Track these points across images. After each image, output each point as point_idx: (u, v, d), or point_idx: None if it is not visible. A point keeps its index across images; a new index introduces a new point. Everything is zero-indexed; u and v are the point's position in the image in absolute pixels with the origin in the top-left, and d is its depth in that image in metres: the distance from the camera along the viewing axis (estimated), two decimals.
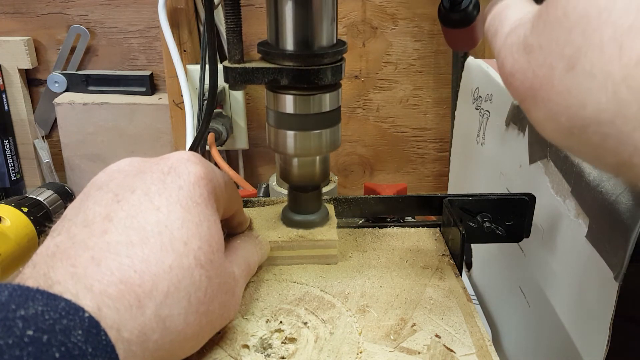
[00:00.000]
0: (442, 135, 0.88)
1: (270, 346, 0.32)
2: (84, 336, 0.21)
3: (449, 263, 0.40)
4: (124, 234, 0.26)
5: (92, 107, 0.84)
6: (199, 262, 0.27)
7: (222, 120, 0.79)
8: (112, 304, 0.24)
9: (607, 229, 0.37)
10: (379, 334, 0.33)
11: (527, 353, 0.53)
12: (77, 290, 0.23)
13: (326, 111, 0.37)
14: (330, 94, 0.37)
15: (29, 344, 0.20)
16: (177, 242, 0.27)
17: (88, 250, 0.25)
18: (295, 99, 0.36)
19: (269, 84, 0.37)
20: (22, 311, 0.21)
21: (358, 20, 0.81)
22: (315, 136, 0.37)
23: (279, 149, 0.38)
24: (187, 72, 0.77)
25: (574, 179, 0.41)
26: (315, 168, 0.40)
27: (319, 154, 0.39)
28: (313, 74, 0.35)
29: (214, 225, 0.29)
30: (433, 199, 0.44)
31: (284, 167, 0.40)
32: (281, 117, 0.37)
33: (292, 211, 0.41)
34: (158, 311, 0.25)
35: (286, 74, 0.35)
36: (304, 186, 0.40)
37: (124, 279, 0.25)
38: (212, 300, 0.28)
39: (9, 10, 0.84)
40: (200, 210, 0.29)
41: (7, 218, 0.47)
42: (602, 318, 0.36)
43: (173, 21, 0.75)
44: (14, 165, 0.88)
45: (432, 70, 0.84)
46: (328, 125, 0.38)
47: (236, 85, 0.36)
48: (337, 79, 0.36)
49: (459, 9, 0.38)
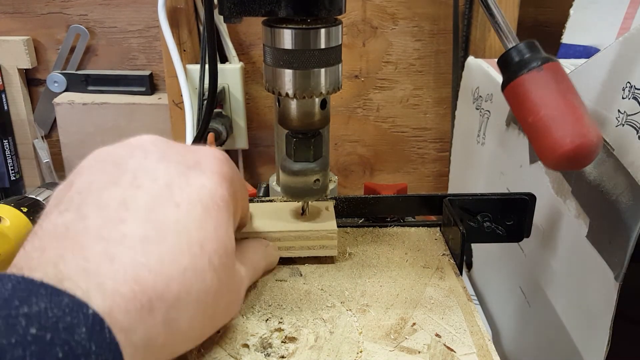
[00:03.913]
0: (442, 135, 0.88)
1: (270, 345, 0.32)
2: (87, 334, 0.21)
3: (449, 263, 0.40)
4: (141, 227, 0.25)
5: (92, 107, 0.84)
6: (213, 266, 0.27)
7: (222, 120, 0.79)
8: (123, 305, 0.23)
9: (607, 229, 0.37)
10: (379, 334, 0.33)
11: (527, 353, 0.53)
12: (88, 288, 0.22)
13: (326, 48, 0.35)
14: (330, 29, 0.35)
15: (32, 342, 0.19)
16: (194, 243, 0.26)
17: (101, 242, 0.24)
18: (293, 33, 0.34)
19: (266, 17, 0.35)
20: (25, 308, 0.20)
21: (358, 20, 0.81)
22: (314, 74, 0.35)
23: (277, 88, 0.36)
24: (187, 72, 0.77)
25: (575, 179, 0.41)
26: (315, 110, 0.37)
27: (318, 94, 0.36)
28: (312, 4, 0.33)
29: (230, 229, 0.29)
30: (433, 199, 0.44)
31: (282, 110, 0.38)
32: (279, 54, 0.35)
33: (291, 159, 0.39)
34: (167, 314, 0.24)
35: (284, 4, 0.33)
36: (303, 131, 0.38)
37: (138, 278, 0.23)
38: (219, 303, 0.28)
39: (9, 10, 0.83)
40: (220, 213, 0.28)
41: (7, 218, 0.47)
42: (603, 318, 0.36)
43: (173, 21, 0.75)
44: (14, 165, 0.87)
45: (432, 70, 0.84)
46: (328, 63, 0.36)
47: (231, 17, 0.34)
48: (337, 12, 0.34)
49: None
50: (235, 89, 0.80)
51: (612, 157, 0.36)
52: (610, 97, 0.37)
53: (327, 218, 0.41)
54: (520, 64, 0.32)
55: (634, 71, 0.35)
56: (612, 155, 0.37)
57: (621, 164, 0.35)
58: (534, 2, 0.80)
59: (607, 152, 0.37)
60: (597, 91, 0.39)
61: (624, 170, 0.35)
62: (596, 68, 0.40)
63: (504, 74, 0.33)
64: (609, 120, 0.37)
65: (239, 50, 0.82)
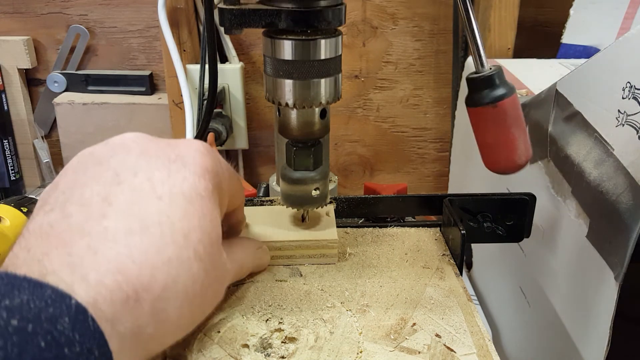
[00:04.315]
0: (442, 135, 0.88)
1: (270, 346, 0.32)
2: (70, 323, 0.21)
3: (449, 263, 0.40)
4: (123, 221, 0.25)
5: (92, 107, 0.84)
6: (198, 256, 0.27)
7: (222, 120, 0.79)
8: (108, 296, 0.23)
9: (607, 229, 0.37)
10: (379, 334, 0.33)
11: (527, 353, 0.53)
12: (72, 281, 0.23)
13: (326, 58, 0.35)
14: (330, 40, 0.35)
15: (13, 333, 0.19)
16: (177, 233, 0.26)
17: (85, 237, 0.24)
18: (293, 44, 0.34)
19: (266, 28, 0.35)
20: (6, 301, 0.20)
21: (358, 20, 0.81)
22: (314, 85, 0.36)
23: (277, 98, 0.36)
24: (187, 72, 0.77)
25: (575, 179, 0.41)
26: (315, 119, 0.38)
27: (318, 104, 0.36)
28: (312, 16, 0.33)
29: (215, 219, 0.29)
30: (433, 199, 0.44)
31: (282, 120, 0.38)
32: (279, 64, 0.35)
33: (291, 168, 0.39)
34: (154, 304, 0.24)
35: (284, 16, 0.33)
36: (303, 140, 0.38)
37: (122, 269, 0.24)
38: (206, 292, 0.28)
39: (9, 10, 0.83)
40: (204, 203, 0.28)
41: (7, 218, 0.47)
42: (603, 318, 0.36)
43: (173, 21, 0.75)
44: (14, 165, 0.87)
45: (432, 70, 0.84)
46: (328, 73, 0.36)
47: (232, 29, 0.34)
48: (337, 23, 0.35)
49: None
50: (235, 89, 0.80)
51: (612, 157, 0.36)
52: (610, 97, 0.37)
53: (328, 225, 0.41)
54: (482, 96, 0.37)
55: (634, 71, 0.35)
56: (612, 155, 0.37)
57: (621, 164, 0.35)
58: (534, 2, 0.80)
59: (607, 152, 0.37)
60: (597, 91, 0.39)
61: (624, 170, 0.35)
62: (596, 68, 0.40)
63: (469, 93, 0.38)
64: (609, 120, 0.37)
65: (239, 50, 0.82)
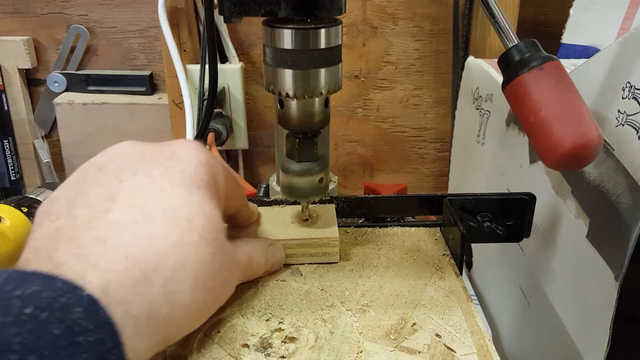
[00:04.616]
0: (442, 135, 0.88)
1: (270, 345, 0.32)
2: (84, 313, 0.21)
3: (449, 263, 0.40)
4: (127, 213, 0.26)
5: (92, 107, 0.84)
6: (204, 239, 0.28)
7: (222, 120, 0.79)
8: (118, 280, 0.24)
9: (607, 229, 0.37)
10: (379, 334, 0.33)
11: (527, 353, 0.53)
12: (82, 270, 0.23)
13: (326, 47, 0.35)
14: (330, 29, 0.35)
15: (27, 321, 0.20)
16: (181, 219, 0.27)
17: (91, 230, 0.25)
18: (293, 33, 0.34)
19: (266, 17, 0.35)
20: (19, 291, 0.21)
21: (358, 20, 0.81)
22: (315, 74, 0.35)
23: (277, 89, 0.36)
24: (187, 72, 0.77)
25: (575, 179, 0.41)
26: (316, 110, 0.37)
27: (319, 94, 0.36)
28: (312, 5, 0.33)
29: (215, 209, 0.30)
30: (433, 199, 0.44)
31: (282, 111, 0.38)
32: (279, 54, 0.35)
33: (293, 160, 0.39)
34: (165, 286, 0.25)
35: (284, 5, 0.33)
36: (304, 131, 0.38)
37: (128, 255, 0.25)
38: (216, 276, 0.29)
39: (9, 10, 0.83)
40: (203, 192, 0.29)
41: (7, 218, 0.47)
42: (603, 318, 0.36)
43: (173, 21, 0.75)
44: (14, 165, 0.87)
45: (432, 70, 0.84)
46: (328, 63, 0.36)
47: (231, 17, 0.34)
48: (337, 12, 0.34)
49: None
50: (235, 89, 0.80)
51: (612, 157, 0.36)
52: (610, 97, 0.37)
53: (329, 224, 0.41)
54: (521, 63, 0.32)
55: (634, 71, 0.35)
56: (612, 155, 0.37)
57: (621, 164, 0.35)
58: (534, 2, 0.81)
59: (607, 152, 0.37)
60: (597, 91, 0.39)
61: (624, 170, 0.35)
62: (596, 68, 0.40)
63: (504, 73, 0.33)
64: (609, 120, 0.37)
65: (239, 50, 0.82)
